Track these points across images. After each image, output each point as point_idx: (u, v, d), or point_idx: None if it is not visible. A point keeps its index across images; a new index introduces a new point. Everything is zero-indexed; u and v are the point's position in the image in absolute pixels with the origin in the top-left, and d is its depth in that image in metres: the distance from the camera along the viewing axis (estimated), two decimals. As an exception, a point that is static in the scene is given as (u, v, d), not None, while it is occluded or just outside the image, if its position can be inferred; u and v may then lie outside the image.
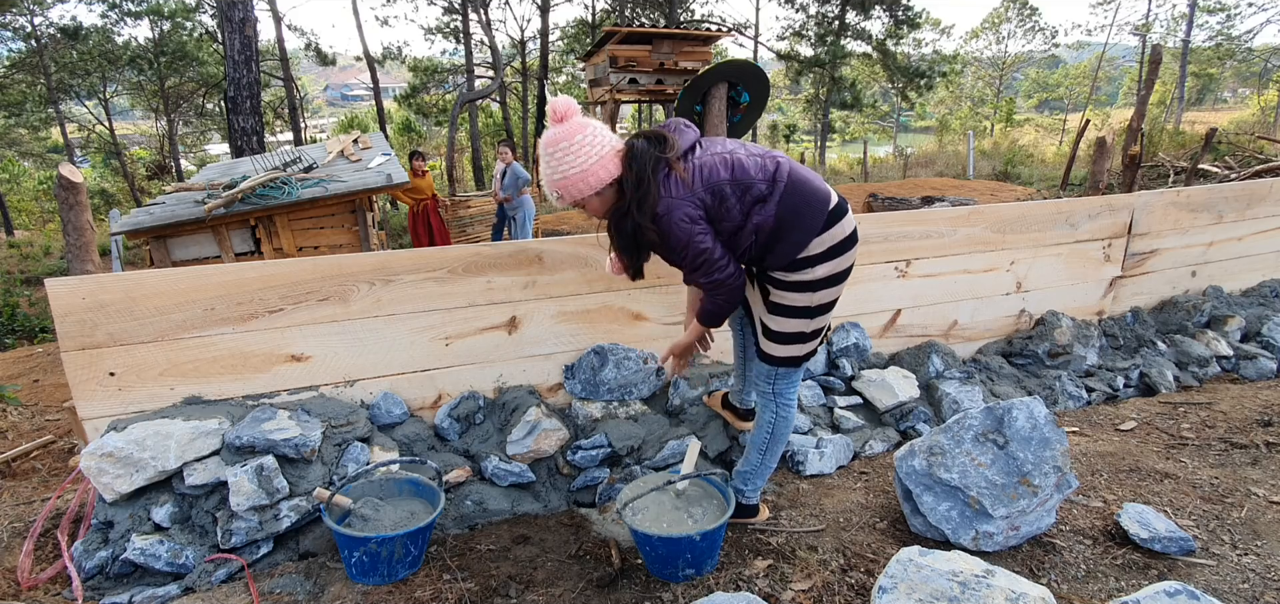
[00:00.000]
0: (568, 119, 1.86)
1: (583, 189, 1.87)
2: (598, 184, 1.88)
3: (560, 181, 1.87)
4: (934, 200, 11.02)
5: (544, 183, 1.91)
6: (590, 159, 1.85)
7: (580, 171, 1.85)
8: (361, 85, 30.83)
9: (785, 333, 2.05)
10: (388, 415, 2.61)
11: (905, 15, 23.94)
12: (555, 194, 1.92)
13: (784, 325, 2.04)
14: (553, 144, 1.86)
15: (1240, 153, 15.54)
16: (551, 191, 1.92)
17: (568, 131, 1.85)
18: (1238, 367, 3.76)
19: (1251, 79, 32.16)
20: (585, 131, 1.85)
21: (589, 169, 1.85)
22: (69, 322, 2.21)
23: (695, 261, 1.89)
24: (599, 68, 11.67)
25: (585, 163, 1.85)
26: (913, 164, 22.30)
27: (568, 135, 1.84)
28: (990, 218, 3.44)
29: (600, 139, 1.87)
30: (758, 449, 2.23)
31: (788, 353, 2.08)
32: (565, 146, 1.85)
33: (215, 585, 2.11)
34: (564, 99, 1.86)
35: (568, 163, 1.85)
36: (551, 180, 1.89)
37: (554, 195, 1.92)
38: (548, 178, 1.89)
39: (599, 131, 1.88)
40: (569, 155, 1.84)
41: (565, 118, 1.87)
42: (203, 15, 22.00)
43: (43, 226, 18.61)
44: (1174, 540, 1.96)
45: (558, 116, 1.87)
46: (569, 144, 1.84)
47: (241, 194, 6.00)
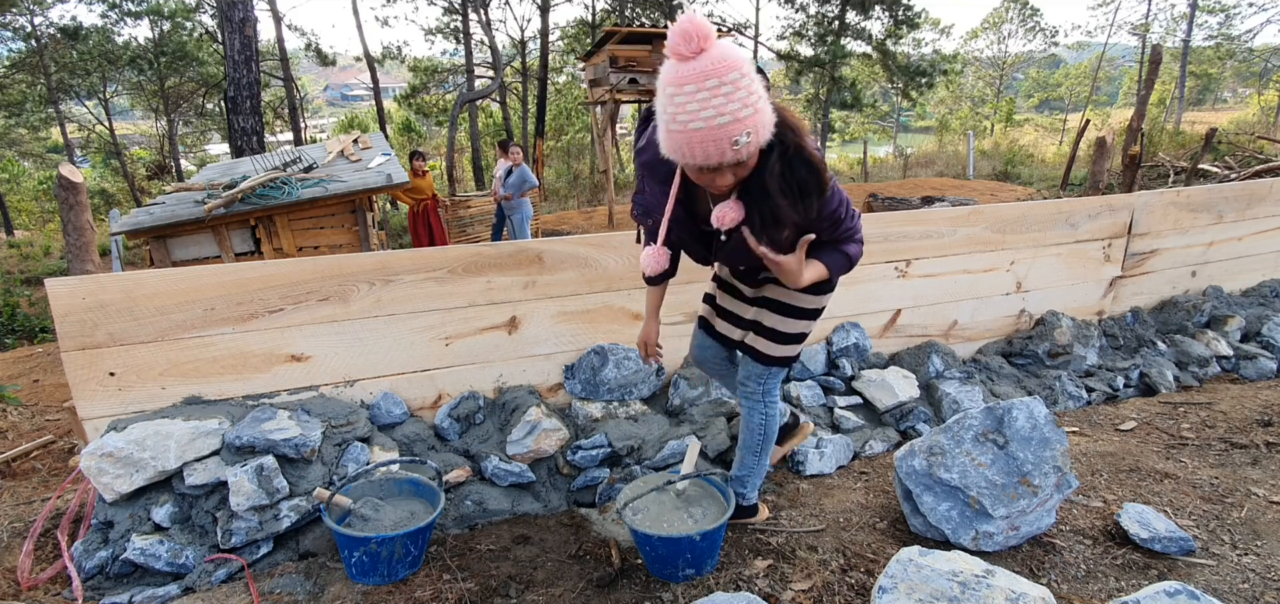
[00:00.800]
0: (710, 47, 1.37)
1: (753, 137, 1.41)
2: (768, 132, 1.46)
3: (726, 125, 1.37)
4: (934, 200, 11.03)
5: (680, 127, 1.41)
6: (764, 98, 1.43)
7: (755, 112, 1.40)
8: (361, 85, 30.83)
9: (790, 333, 2.02)
10: (388, 415, 2.61)
11: (905, 15, 23.93)
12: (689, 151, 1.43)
13: (791, 325, 2.01)
14: (713, 73, 1.35)
15: (1240, 153, 15.54)
16: (692, 146, 1.41)
17: (729, 60, 1.36)
18: (1238, 367, 3.76)
19: (1251, 79, 32.16)
20: (745, 61, 1.39)
21: (764, 111, 1.43)
22: (69, 322, 2.21)
23: (847, 211, 1.70)
24: (599, 68, 11.66)
25: (761, 102, 1.41)
26: (913, 164, 22.31)
27: (732, 64, 1.36)
28: (990, 218, 3.44)
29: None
30: (751, 452, 2.19)
31: (786, 353, 2.05)
32: (734, 79, 1.36)
33: (215, 585, 2.11)
34: (698, 19, 1.36)
35: (739, 100, 1.36)
36: (704, 124, 1.37)
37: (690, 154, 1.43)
38: (695, 122, 1.38)
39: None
40: (738, 90, 1.36)
41: (707, 45, 1.37)
42: (203, 15, 21.99)
43: (43, 226, 18.61)
44: (1174, 540, 1.96)
45: (698, 42, 1.35)
46: (739, 76, 1.36)
47: (241, 194, 6.00)
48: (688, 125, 1.39)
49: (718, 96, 1.36)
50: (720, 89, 1.36)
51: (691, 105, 1.38)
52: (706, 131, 1.38)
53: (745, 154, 1.43)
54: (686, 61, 1.37)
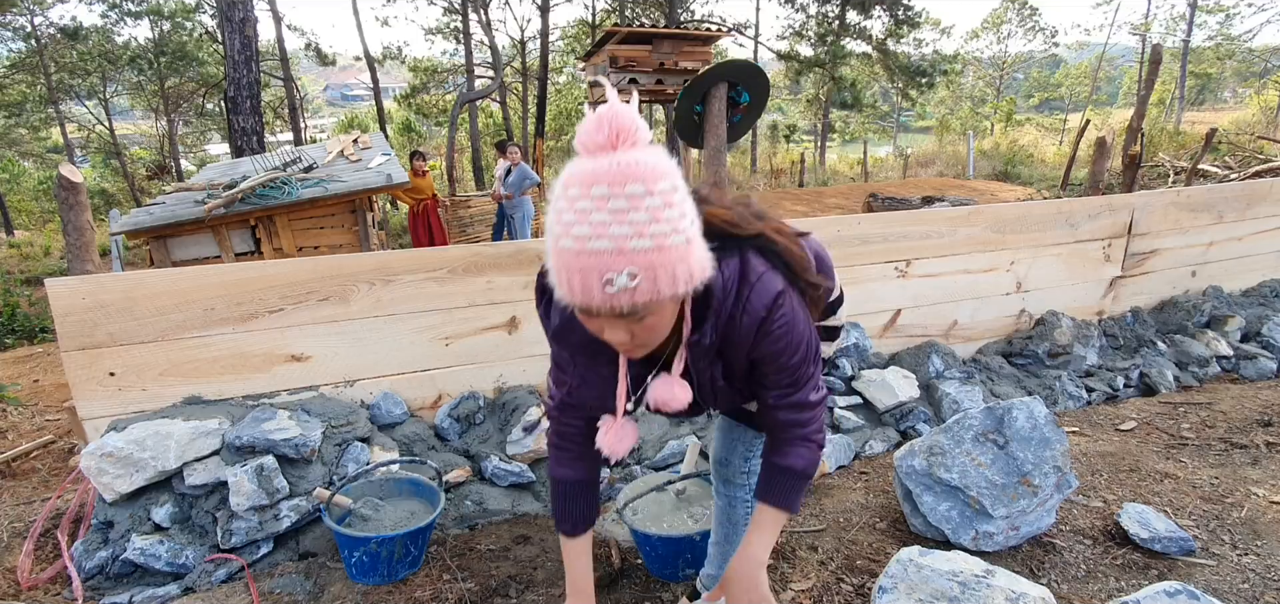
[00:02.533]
0: (638, 141, 0.95)
1: (645, 284, 0.96)
2: (699, 275, 1.03)
3: (601, 252, 0.93)
4: (934, 200, 11.02)
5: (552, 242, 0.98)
6: (694, 225, 1.02)
7: (685, 242, 0.98)
8: (361, 85, 30.84)
9: None
10: (388, 415, 2.61)
11: (905, 15, 23.94)
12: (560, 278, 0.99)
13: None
14: (606, 178, 0.93)
15: (1240, 153, 15.55)
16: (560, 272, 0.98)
17: (639, 169, 0.93)
18: (1238, 367, 3.76)
19: (1251, 79, 32.18)
20: (675, 176, 0.99)
21: (695, 242, 1.02)
22: (69, 322, 2.21)
23: (812, 361, 1.31)
24: (599, 68, 11.67)
25: (672, 238, 0.96)
26: (913, 164, 22.30)
27: (639, 174, 0.93)
28: (990, 218, 3.44)
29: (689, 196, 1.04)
30: (731, 544, 1.72)
31: None
32: (635, 193, 0.93)
33: (215, 585, 2.11)
34: (627, 108, 0.96)
35: (632, 224, 0.93)
36: (574, 243, 0.94)
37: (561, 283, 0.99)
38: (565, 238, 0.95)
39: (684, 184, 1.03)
40: (635, 210, 0.93)
41: (635, 139, 0.95)
42: (203, 15, 21.99)
43: (43, 226, 18.60)
44: (1174, 540, 1.96)
45: (610, 136, 0.94)
46: (644, 192, 0.93)
47: (241, 194, 6.01)
48: (559, 241, 0.96)
49: (603, 210, 0.92)
50: (608, 201, 0.92)
51: (568, 215, 0.95)
52: (574, 254, 0.94)
53: (625, 304, 0.97)
54: (588, 157, 0.96)
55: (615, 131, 0.94)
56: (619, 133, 0.94)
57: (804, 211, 13.22)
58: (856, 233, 3.17)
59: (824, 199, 14.74)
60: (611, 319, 1.03)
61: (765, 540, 1.37)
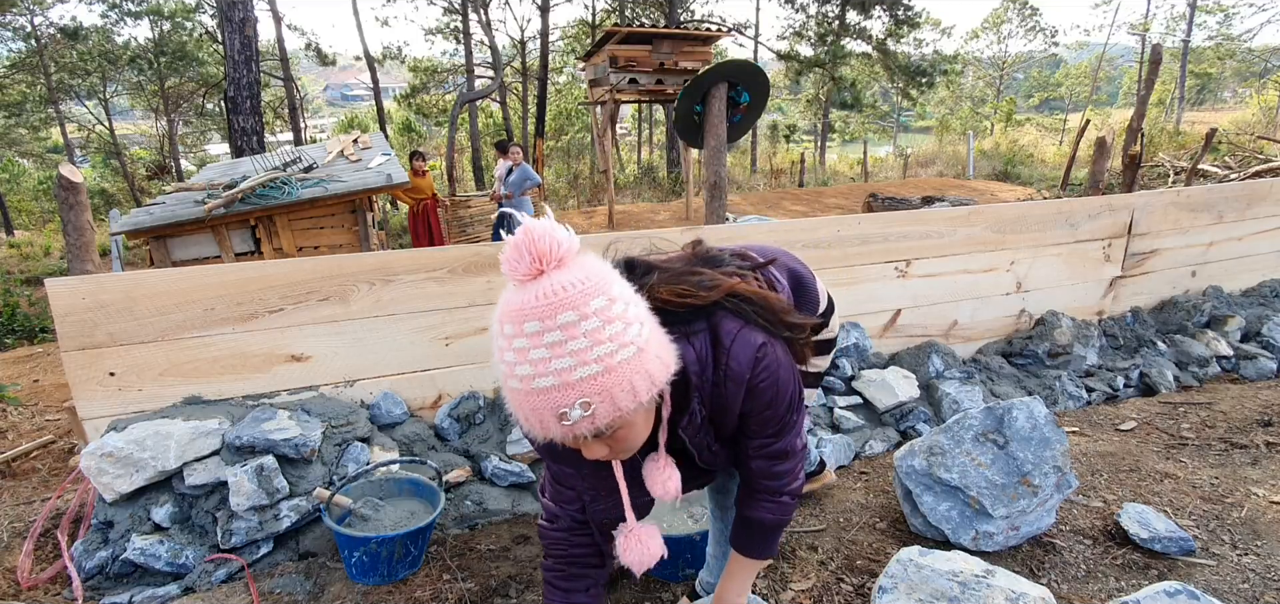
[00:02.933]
0: (563, 258, 0.94)
1: (634, 394, 0.96)
2: (661, 375, 1.00)
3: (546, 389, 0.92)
4: (934, 200, 11.02)
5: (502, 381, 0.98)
6: (644, 329, 0.99)
7: (635, 353, 0.95)
8: (361, 85, 30.83)
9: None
10: (388, 415, 2.61)
11: (905, 15, 23.95)
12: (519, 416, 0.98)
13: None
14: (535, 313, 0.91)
15: (1240, 153, 15.55)
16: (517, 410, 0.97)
17: (564, 294, 0.91)
18: (1238, 367, 3.76)
19: (1251, 79, 32.19)
20: (613, 285, 0.97)
21: (648, 347, 0.98)
22: (69, 322, 2.21)
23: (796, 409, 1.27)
24: (599, 68, 11.67)
25: (620, 352, 0.94)
26: (913, 164, 22.31)
27: (566, 301, 0.91)
28: (990, 218, 3.44)
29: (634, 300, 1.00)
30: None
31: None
32: (568, 322, 0.91)
33: (215, 585, 2.11)
34: (543, 226, 0.93)
35: (572, 353, 0.91)
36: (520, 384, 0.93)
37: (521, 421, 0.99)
38: (511, 379, 0.94)
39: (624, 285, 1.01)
40: (572, 338, 0.91)
41: (560, 257, 0.94)
42: (203, 15, 22.00)
43: (43, 226, 18.60)
44: (1174, 540, 1.96)
45: (533, 262, 0.93)
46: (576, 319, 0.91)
47: (241, 194, 6.01)
48: (506, 382, 0.96)
49: (539, 347, 0.91)
50: (542, 336, 0.90)
51: (509, 355, 0.94)
52: (523, 395, 0.94)
53: (588, 431, 0.95)
54: (516, 289, 0.94)
55: (536, 256, 0.92)
56: (540, 257, 0.92)
57: (804, 211, 13.22)
58: (856, 233, 3.17)
59: (824, 199, 14.74)
60: (587, 441, 1.01)
61: (739, 586, 1.40)
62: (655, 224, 12.67)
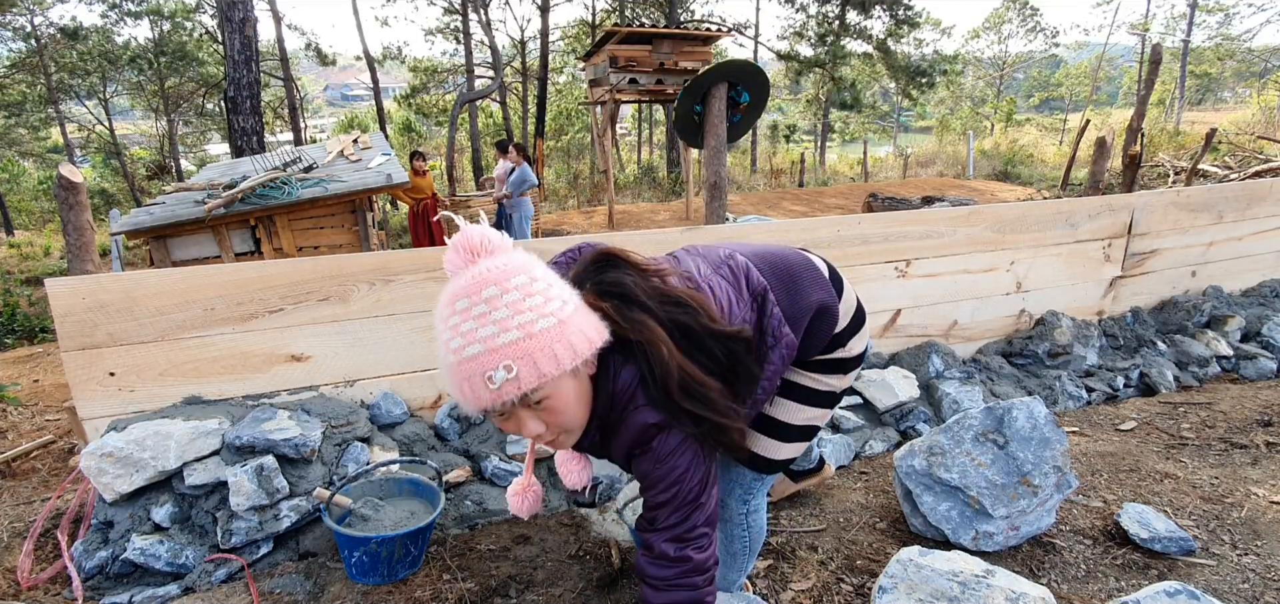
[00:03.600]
0: (494, 250, 1.07)
1: (556, 360, 1.04)
2: (585, 347, 1.07)
3: (475, 357, 1.02)
4: (934, 200, 11.02)
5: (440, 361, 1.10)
6: (564, 309, 1.06)
7: (556, 324, 1.04)
8: (361, 85, 30.82)
9: (798, 426, 1.53)
10: (388, 415, 2.61)
11: (905, 15, 23.95)
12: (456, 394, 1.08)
13: (800, 416, 1.52)
14: (464, 292, 1.05)
15: (1240, 153, 15.55)
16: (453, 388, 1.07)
17: (491, 274, 1.04)
18: (1238, 367, 3.76)
19: (1251, 79, 32.19)
20: (533, 267, 1.08)
21: (570, 321, 1.06)
22: (69, 322, 2.21)
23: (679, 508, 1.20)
24: (599, 68, 11.67)
25: (540, 322, 1.03)
26: (913, 164, 22.31)
27: (492, 278, 1.04)
28: (990, 218, 3.44)
29: (559, 285, 1.10)
30: (730, 569, 1.69)
31: (791, 452, 1.55)
32: (491, 296, 1.03)
33: (215, 585, 2.11)
34: (475, 228, 1.08)
35: (496, 322, 1.02)
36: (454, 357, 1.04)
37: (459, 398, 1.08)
38: (447, 356, 1.06)
39: (550, 276, 1.11)
40: (496, 309, 1.03)
41: (490, 249, 1.06)
42: (203, 15, 22.01)
43: (43, 226, 18.61)
44: (1174, 540, 1.96)
45: (470, 248, 1.06)
46: (498, 293, 1.03)
47: (241, 194, 6.01)
48: (444, 362, 1.07)
49: (468, 320, 1.03)
50: (470, 311, 1.02)
51: (444, 335, 1.06)
52: (455, 366, 1.04)
53: (514, 394, 1.02)
54: (452, 279, 1.08)
55: (469, 249, 1.05)
56: (472, 249, 1.05)
57: (804, 211, 13.22)
58: (856, 233, 3.17)
59: (824, 199, 14.75)
60: (519, 415, 1.09)
61: None
62: (655, 224, 12.67)
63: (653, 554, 1.22)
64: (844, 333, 1.49)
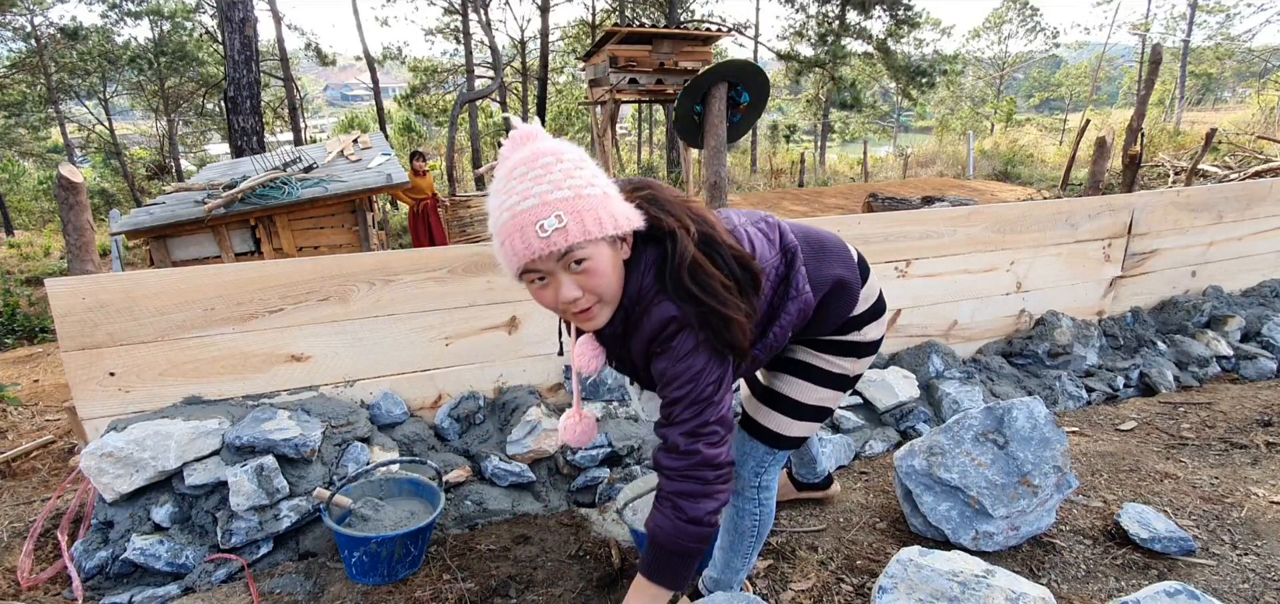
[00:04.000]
0: (533, 142, 1.21)
1: (602, 221, 1.17)
2: (624, 222, 1.21)
3: (530, 209, 1.15)
4: (934, 200, 11.01)
5: (492, 229, 1.22)
6: (605, 184, 1.22)
7: (602, 194, 1.19)
8: (361, 85, 30.83)
9: (811, 405, 1.61)
10: (388, 415, 2.61)
11: (905, 15, 23.94)
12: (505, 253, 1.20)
13: (813, 395, 1.60)
14: (522, 162, 1.18)
15: (1240, 153, 15.54)
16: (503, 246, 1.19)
17: (549, 149, 1.19)
18: (1238, 367, 3.76)
19: (1251, 79, 32.19)
20: (579, 150, 1.24)
21: (611, 196, 1.21)
22: (69, 322, 2.21)
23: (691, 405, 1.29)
24: (599, 68, 11.67)
25: (603, 187, 1.20)
26: (913, 164, 22.30)
27: (550, 151, 1.19)
28: (990, 218, 3.44)
29: (601, 171, 1.26)
30: (738, 554, 1.74)
31: (803, 430, 1.63)
32: (547, 163, 1.17)
33: (215, 585, 2.11)
34: (527, 125, 1.25)
35: (550, 181, 1.16)
36: (510, 214, 1.16)
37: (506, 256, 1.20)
38: (502, 214, 1.18)
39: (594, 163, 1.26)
40: (550, 173, 1.16)
41: (530, 141, 1.22)
42: (203, 15, 22.01)
43: (43, 227, 18.61)
44: (1174, 540, 1.96)
45: (525, 135, 1.21)
46: (555, 160, 1.18)
47: (241, 194, 6.01)
48: (497, 221, 1.19)
49: (525, 181, 1.16)
50: (528, 174, 1.16)
51: (499, 200, 1.19)
52: (509, 220, 1.16)
53: (561, 244, 1.14)
54: (510, 157, 1.21)
55: (526, 135, 1.21)
56: (528, 135, 1.20)
57: (804, 211, 13.22)
58: (856, 233, 3.17)
59: (824, 199, 14.74)
60: (559, 278, 1.20)
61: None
62: (655, 224, 12.63)
63: (667, 446, 1.32)
64: (861, 317, 1.58)
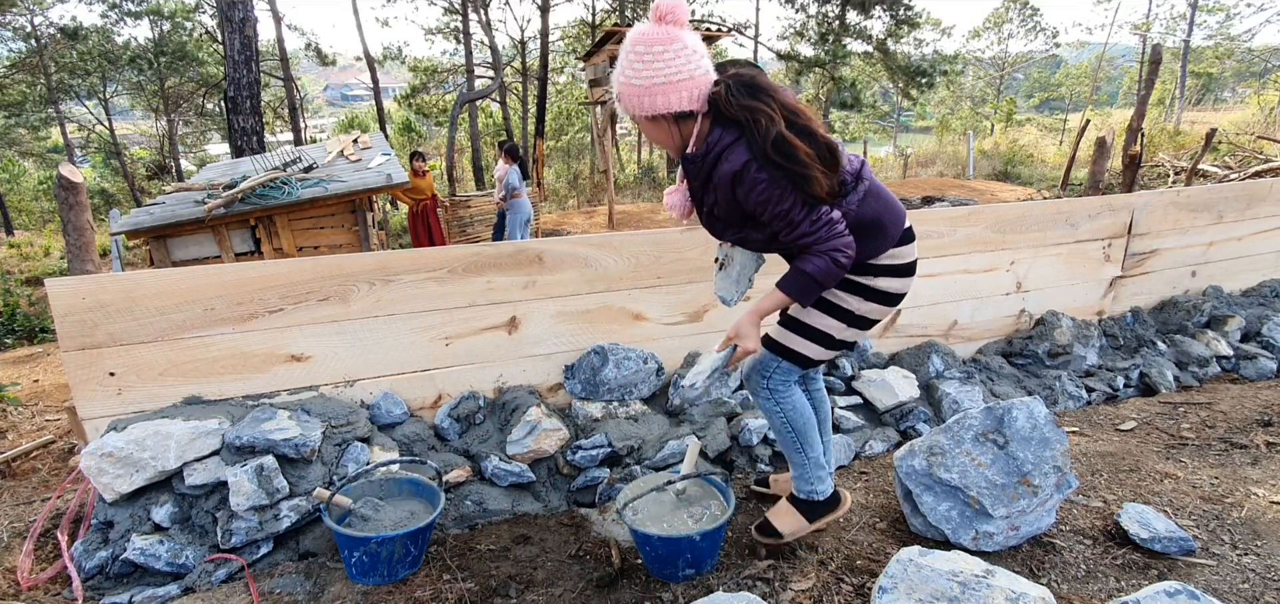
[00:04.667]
0: (666, 21, 1.61)
1: (645, 105, 1.65)
2: (665, 107, 1.65)
3: (634, 87, 1.64)
4: (934, 200, 11.02)
5: (616, 82, 1.68)
6: (666, 74, 1.61)
7: (648, 84, 1.61)
8: (361, 85, 30.84)
9: (812, 327, 1.88)
10: (388, 415, 2.61)
11: (905, 15, 23.92)
12: (619, 100, 1.70)
13: (816, 320, 1.88)
14: (636, 40, 1.63)
15: (1240, 153, 15.54)
16: (620, 96, 1.69)
17: (658, 35, 1.60)
18: (1238, 367, 3.76)
19: (1251, 79, 32.18)
20: (675, 43, 1.61)
21: (661, 86, 1.62)
22: (69, 322, 2.21)
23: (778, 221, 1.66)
24: (599, 68, 11.66)
25: (656, 77, 1.61)
26: (913, 164, 22.29)
27: (655, 39, 1.60)
28: (990, 218, 3.44)
29: (692, 61, 1.63)
30: (792, 449, 2.03)
31: (802, 348, 1.90)
32: (646, 50, 1.61)
33: (215, 585, 2.11)
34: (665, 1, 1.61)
35: (640, 69, 1.61)
36: (623, 82, 1.66)
37: (619, 102, 1.70)
38: (621, 78, 1.66)
39: (694, 52, 1.64)
40: (647, 61, 1.61)
41: (665, 18, 1.61)
42: (203, 15, 22.00)
43: (43, 227, 18.60)
44: (1174, 540, 1.96)
45: (660, 13, 1.61)
46: (650, 48, 1.60)
47: (241, 194, 6.01)
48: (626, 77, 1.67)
49: (638, 62, 1.64)
50: (645, 56, 1.63)
51: (621, 62, 1.68)
52: (622, 87, 1.68)
53: (624, 111, 1.69)
54: (647, 25, 1.65)
55: (660, 13, 1.61)
56: (662, 14, 1.62)
57: (804, 211, 13.15)
58: (856, 233, 3.17)
59: (824, 199, 14.71)
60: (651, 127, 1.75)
61: (765, 305, 1.82)
62: (655, 223, 12.66)
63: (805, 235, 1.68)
64: (881, 267, 1.83)
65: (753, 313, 1.83)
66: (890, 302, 1.88)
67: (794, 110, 1.66)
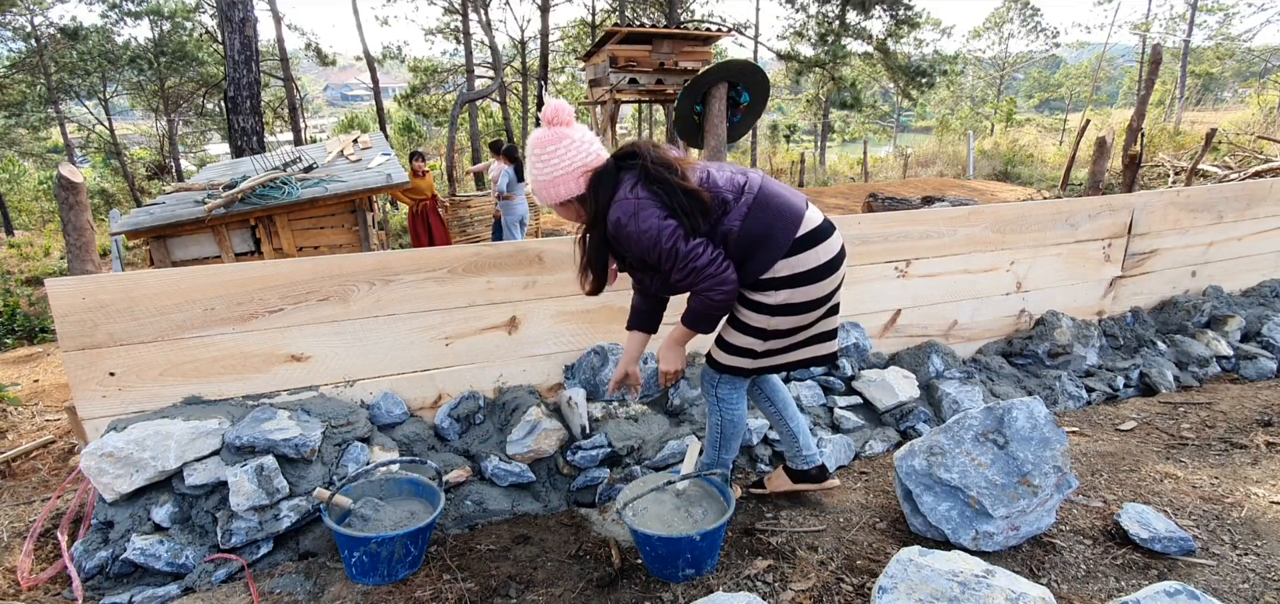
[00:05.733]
0: (553, 124, 1.88)
1: (551, 196, 1.92)
2: (565, 194, 1.91)
3: (540, 182, 1.91)
4: (934, 200, 11.00)
5: (529, 182, 1.95)
6: (559, 169, 1.87)
7: (548, 179, 1.88)
8: (361, 85, 30.85)
9: (734, 345, 2.06)
10: (388, 415, 2.61)
11: (906, 15, 23.92)
12: (536, 197, 1.96)
13: (736, 339, 2.05)
14: (531, 146, 1.91)
15: (1240, 153, 15.54)
16: (534, 191, 1.95)
17: (547, 138, 1.87)
18: (1238, 367, 3.76)
19: (1251, 79, 32.18)
20: (562, 141, 1.86)
21: (557, 178, 1.88)
22: (69, 322, 2.21)
23: (669, 259, 1.82)
24: (599, 68, 11.67)
25: (553, 172, 1.87)
26: (913, 164, 22.29)
27: (545, 141, 1.87)
28: (990, 218, 3.44)
29: (577, 151, 1.87)
30: (712, 445, 2.30)
31: (732, 363, 2.10)
32: (540, 152, 1.88)
33: (215, 585, 2.11)
34: (556, 104, 1.88)
35: (540, 168, 1.89)
36: (531, 180, 1.94)
37: (537, 198, 1.96)
38: (530, 177, 1.94)
39: (578, 144, 1.88)
40: (542, 161, 1.88)
41: (552, 122, 1.89)
42: (203, 15, 21.99)
43: (43, 227, 18.60)
44: (1174, 540, 1.96)
45: (547, 119, 1.89)
46: (543, 150, 1.87)
47: (241, 194, 6.00)
48: (530, 177, 1.95)
49: (537, 162, 1.91)
50: (541, 156, 1.89)
51: (526, 165, 2.00)
52: (531, 184, 1.95)
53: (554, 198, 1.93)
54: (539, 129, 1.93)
55: (548, 118, 1.89)
56: (549, 119, 1.89)
57: (804, 211, 13.16)
58: (856, 233, 3.17)
59: (824, 199, 14.73)
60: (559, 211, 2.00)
61: (676, 335, 2.06)
62: (655, 224, 12.61)
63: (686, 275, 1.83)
64: (774, 280, 1.89)
65: (668, 340, 2.09)
66: (798, 311, 1.94)
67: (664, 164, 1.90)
